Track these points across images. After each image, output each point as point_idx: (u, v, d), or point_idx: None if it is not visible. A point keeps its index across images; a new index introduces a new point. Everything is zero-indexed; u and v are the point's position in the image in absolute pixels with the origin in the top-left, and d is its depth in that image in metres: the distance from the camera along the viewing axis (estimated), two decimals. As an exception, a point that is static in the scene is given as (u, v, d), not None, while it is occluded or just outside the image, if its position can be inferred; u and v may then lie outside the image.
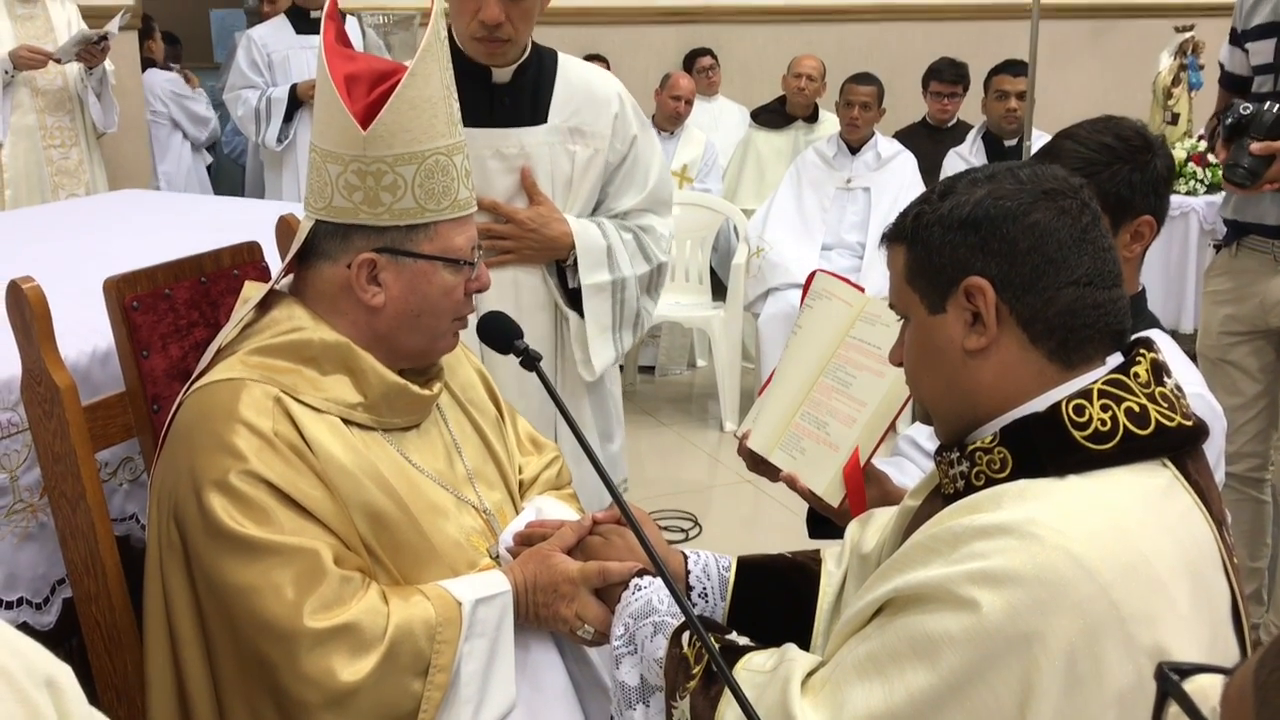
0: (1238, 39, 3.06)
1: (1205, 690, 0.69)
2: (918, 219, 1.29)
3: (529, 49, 2.41)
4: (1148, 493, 1.19)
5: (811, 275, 1.95)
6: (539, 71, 2.43)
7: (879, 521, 1.61)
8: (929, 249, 1.27)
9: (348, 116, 1.57)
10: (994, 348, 1.25)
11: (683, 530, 4.20)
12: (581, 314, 2.44)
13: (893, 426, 1.81)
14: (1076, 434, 1.20)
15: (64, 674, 0.97)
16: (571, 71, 2.47)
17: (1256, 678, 0.65)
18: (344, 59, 1.65)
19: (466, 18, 2.27)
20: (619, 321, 2.49)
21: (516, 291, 2.37)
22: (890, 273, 1.35)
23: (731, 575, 1.67)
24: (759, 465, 1.91)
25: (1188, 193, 5.86)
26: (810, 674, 1.27)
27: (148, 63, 6.30)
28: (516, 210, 2.36)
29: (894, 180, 5.19)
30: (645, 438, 5.24)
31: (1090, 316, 1.24)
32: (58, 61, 4.68)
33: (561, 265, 2.43)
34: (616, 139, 2.45)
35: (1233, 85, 3.17)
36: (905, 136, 5.73)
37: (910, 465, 2.18)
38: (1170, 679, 0.70)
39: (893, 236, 1.33)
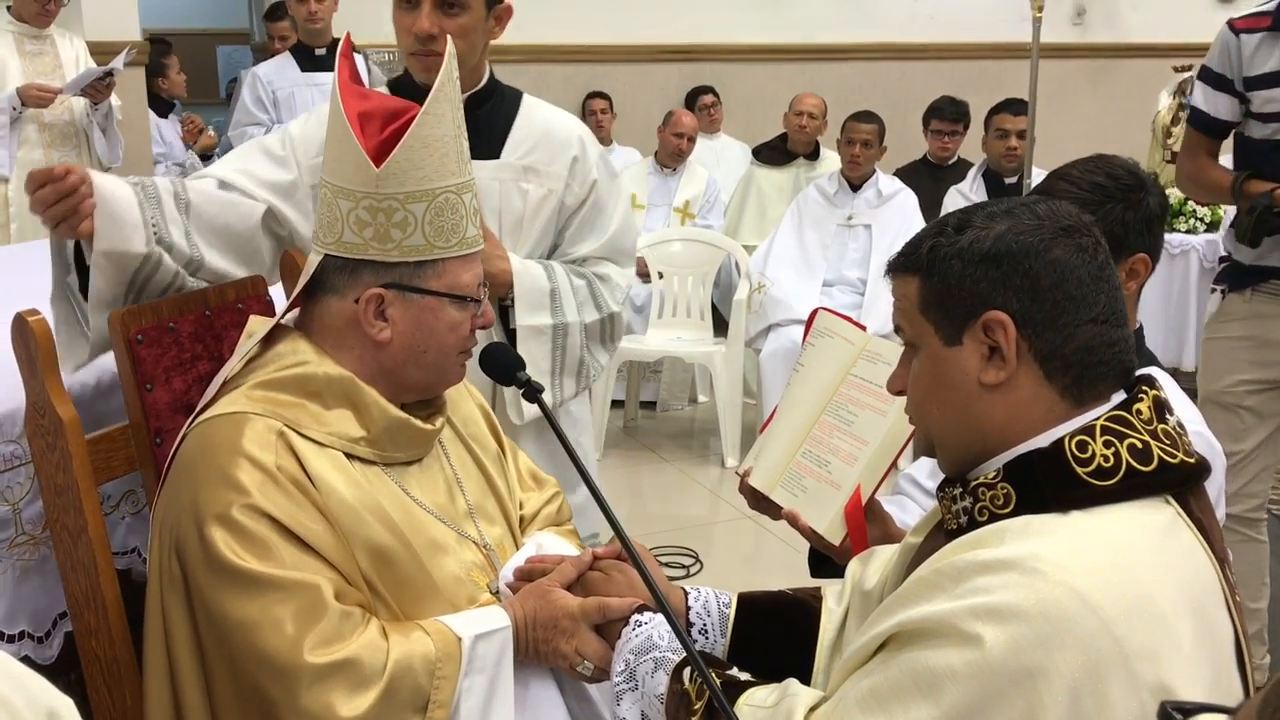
0: (1227, 85, 3.03)
1: None
2: (934, 250, 1.28)
3: (484, 82, 2.39)
4: (1150, 529, 1.19)
5: (813, 313, 1.96)
6: (497, 108, 2.41)
7: (880, 559, 1.61)
8: (947, 281, 1.27)
9: (361, 154, 1.58)
10: (1010, 383, 1.25)
11: (683, 566, 4.18)
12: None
13: (894, 465, 1.81)
14: (1079, 470, 1.20)
15: (66, 707, 0.96)
16: (534, 112, 2.43)
17: (1260, 718, 0.64)
18: (358, 97, 1.67)
19: (405, 34, 2.24)
20: (559, 368, 2.40)
21: None
22: (899, 300, 1.34)
23: (732, 612, 1.67)
24: (760, 503, 1.91)
25: (1188, 231, 5.88)
26: (813, 709, 1.27)
27: (163, 103, 6.19)
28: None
29: (895, 217, 5.21)
30: (646, 473, 5.23)
31: (1106, 354, 1.25)
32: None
33: (503, 304, 2.36)
34: (574, 182, 2.40)
35: (1209, 130, 3.11)
36: (906, 174, 5.76)
37: (911, 504, 2.18)
38: (1174, 718, 0.70)
39: (904, 266, 1.32)
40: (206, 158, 6.22)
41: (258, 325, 1.73)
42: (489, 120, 2.38)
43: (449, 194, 1.62)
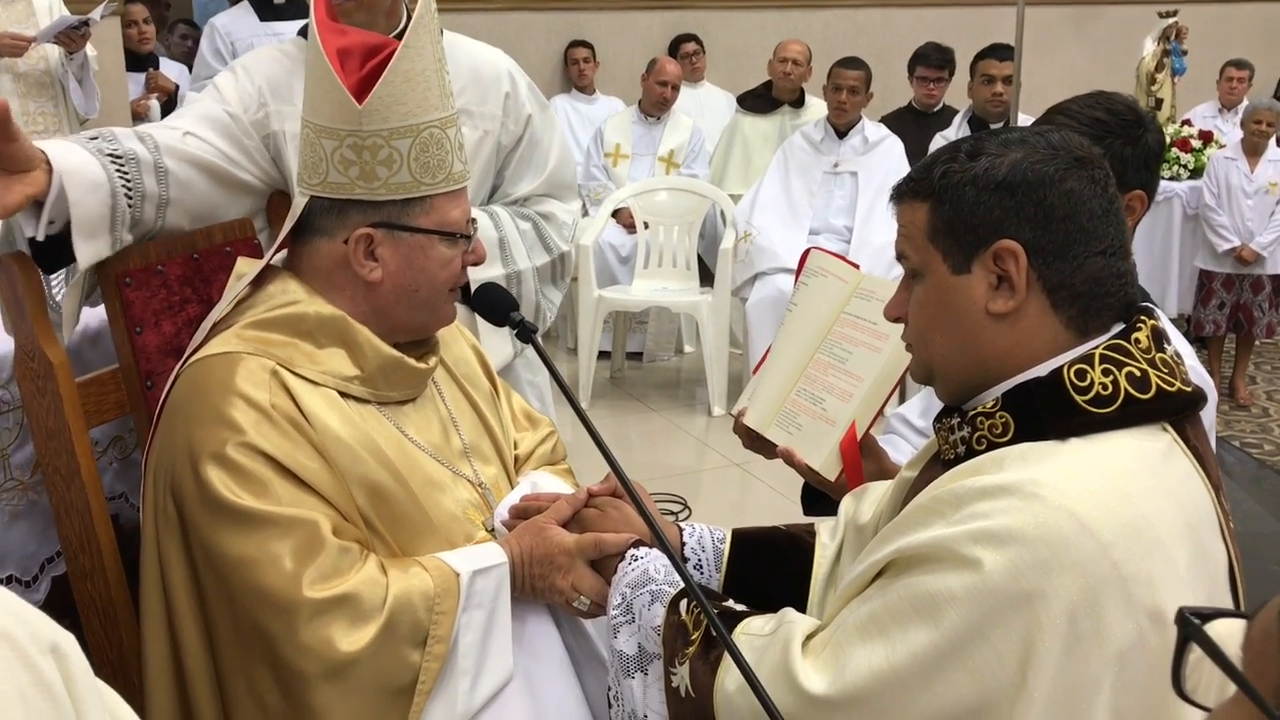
0: None
1: (1225, 636, 0.69)
2: (946, 176, 1.26)
3: (403, 23, 2.20)
4: (1148, 456, 1.20)
5: (806, 253, 1.95)
6: None
7: (874, 494, 1.62)
8: (959, 208, 1.25)
9: (343, 91, 1.56)
10: (1018, 312, 1.25)
11: (672, 514, 4.21)
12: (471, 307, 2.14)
13: (880, 412, 1.82)
14: (1078, 398, 1.21)
15: (69, 642, 0.95)
16: (457, 49, 2.25)
17: None
18: (335, 33, 1.64)
19: None
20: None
21: None
22: (905, 227, 1.32)
23: (726, 547, 1.68)
24: (755, 442, 1.91)
25: (1171, 178, 5.89)
26: (810, 636, 1.28)
27: (138, 59, 5.99)
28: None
29: (881, 164, 5.19)
30: (633, 423, 5.24)
31: (1113, 285, 1.25)
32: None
33: None
34: (509, 120, 2.30)
35: None
36: (891, 121, 5.74)
37: (903, 443, 2.19)
38: (1192, 623, 0.70)
39: (914, 192, 1.30)
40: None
41: (246, 267, 1.71)
42: None
43: (433, 129, 1.60)
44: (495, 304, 1.76)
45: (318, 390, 1.58)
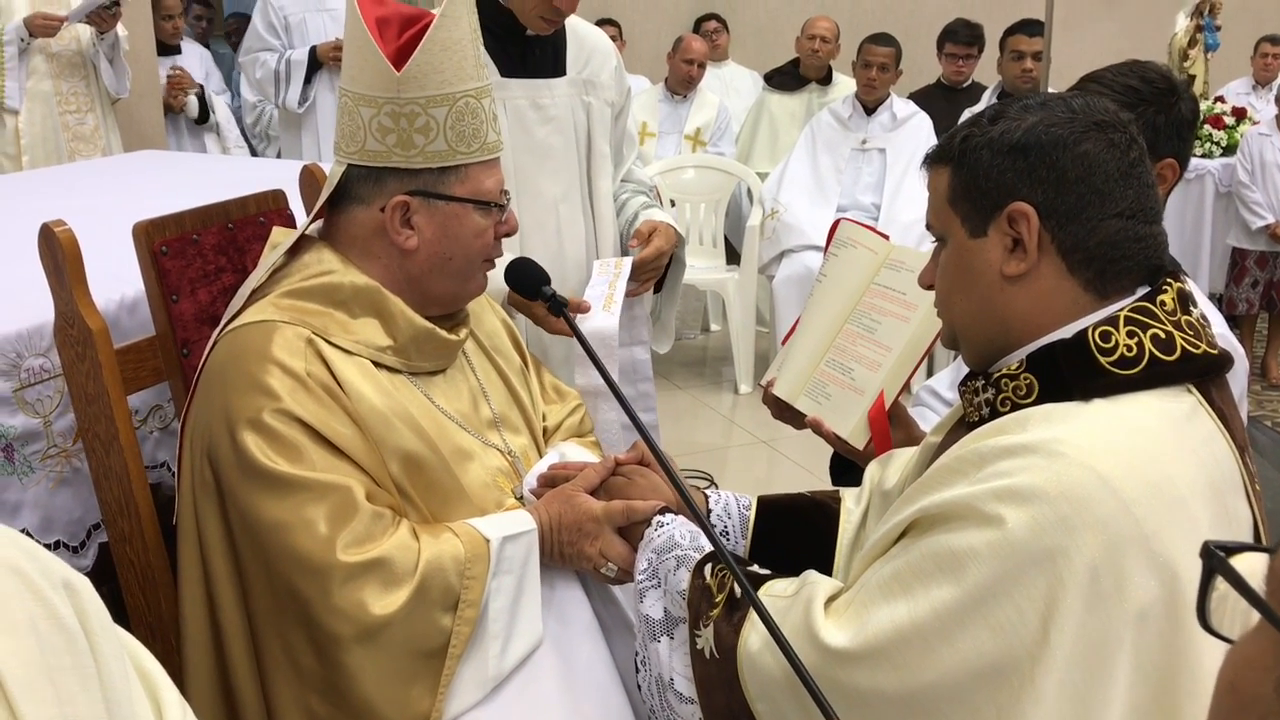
0: None
1: (1250, 569, 0.70)
2: (966, 140, 1.29)
3: None
4: (1172, 416, 1.21)
5: (835, 223, 1.96)
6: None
7: (900, 460, 1.63)
8: (975, 172, 1.27)
9: (382, 59, 1.58)
10: (1032, 275, 1.26)
11: (698, 489, 4.22)
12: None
13: (908, 383, 1.82)
14: (1102, 359, 1.21)
15: (81, 581, 0.95)
16: (576, 25, 2.51)
17: None
18: (374, 3, 1.66)
19: None
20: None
21: (558, 226, 2.43)
22: (930, 194, 1.34)
23: (752, 514, 1.70)
24: (784, 412, 1.93)
25: (1204, 155, 5.83)
26: (833, 598, 1.29)
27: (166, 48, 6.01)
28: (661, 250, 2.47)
29: (910, 141, 5.17)
30: (660, 400, 5.21)
31: (1130, 249, 1.26)
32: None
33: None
34: (617, 91, 2.52)
35: None
36: (920, 98, 5.71)
37: (931, 415, 2.20)
38: (1217, 555, 0.71)
39: (937, 157, 1.33)
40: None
41: (281, 236, 1.74)
42: (554, 37, 2.43)
43: (469, 98, 1.62)
44: (526, 278, 1.79)
45: (352, 359, 1.61)
